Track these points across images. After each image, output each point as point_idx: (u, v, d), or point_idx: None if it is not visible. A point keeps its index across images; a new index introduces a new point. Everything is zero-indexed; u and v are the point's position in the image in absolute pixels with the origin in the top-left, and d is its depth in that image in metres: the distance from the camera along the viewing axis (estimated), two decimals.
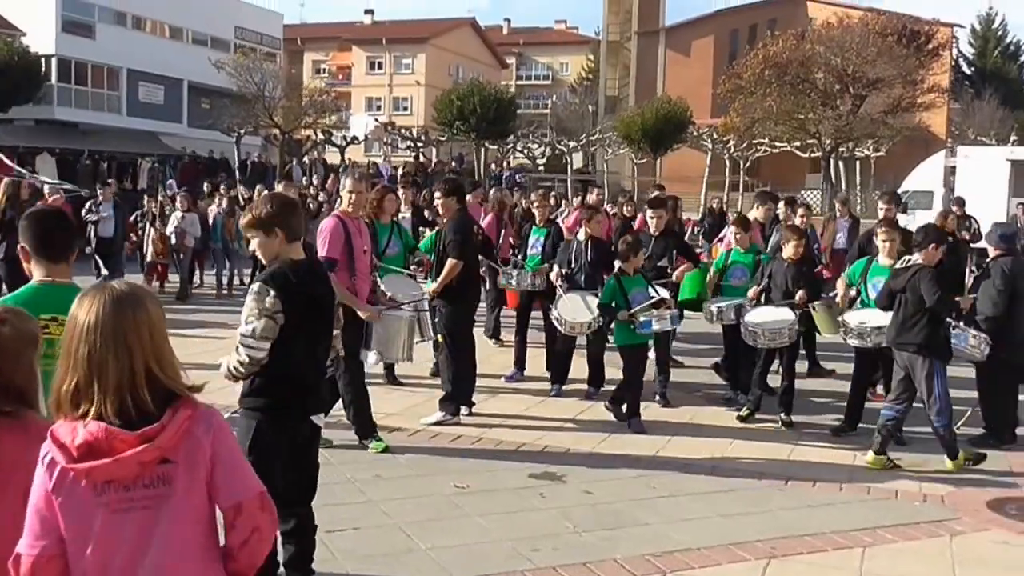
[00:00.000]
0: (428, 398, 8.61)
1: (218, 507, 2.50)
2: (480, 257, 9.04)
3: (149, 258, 16.20)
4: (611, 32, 63.25)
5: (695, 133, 40.65)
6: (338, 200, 8.27)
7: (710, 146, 41.01)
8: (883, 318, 7.79)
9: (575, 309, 8.82)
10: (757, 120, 36.23)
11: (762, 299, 8.74)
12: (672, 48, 58.60)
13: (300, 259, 4.26)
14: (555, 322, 8.91)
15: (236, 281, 16.93)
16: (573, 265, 9.41)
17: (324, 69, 71.00)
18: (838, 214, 14.42)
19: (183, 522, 2.43)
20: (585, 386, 9.26)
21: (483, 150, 40.58)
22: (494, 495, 6.34)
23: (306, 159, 37.85)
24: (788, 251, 8.62)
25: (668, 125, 37.77)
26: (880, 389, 8.65)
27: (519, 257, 10.28)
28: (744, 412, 8.60)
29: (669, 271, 9.53)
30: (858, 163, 43.31)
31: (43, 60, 36.02)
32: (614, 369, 8.94)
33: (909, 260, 7.26)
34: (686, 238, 12.55)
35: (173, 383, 2.46)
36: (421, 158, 40.31)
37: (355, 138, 41.66)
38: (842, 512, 6.26)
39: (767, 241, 10.87)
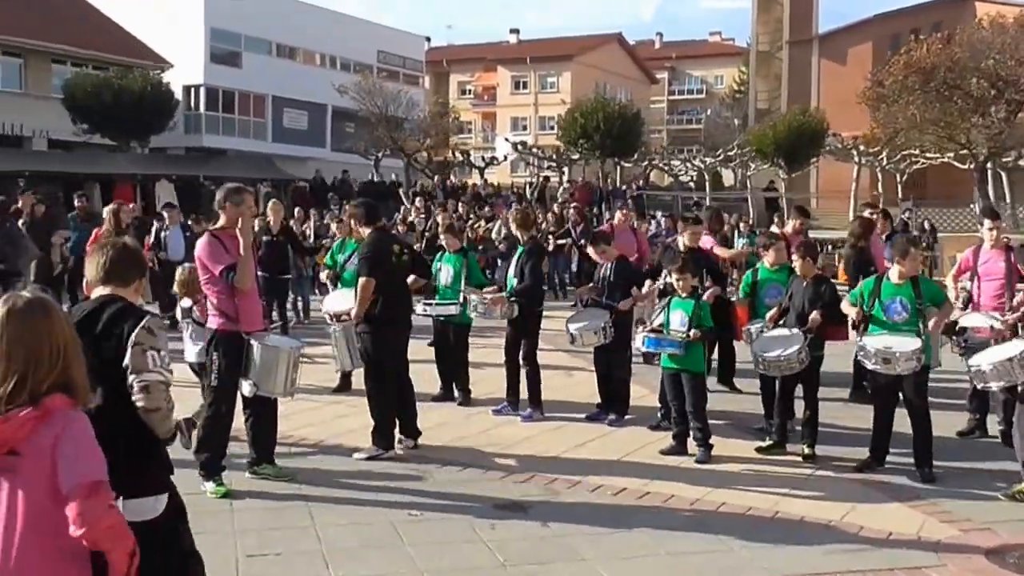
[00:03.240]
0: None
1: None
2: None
3: None
4: (761, 42, 61.75)
5: (839, 145, 38.95)
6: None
7: (857, 158, 39.27)
8: (909, 343, 7.18)
9: (582, 326, 8.84)
10: (900, 130, 34.26)
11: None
12: (826, 56, 56.42)
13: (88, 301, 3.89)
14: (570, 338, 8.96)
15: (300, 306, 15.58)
16: (599, 283, 9.30)
17: (470, 90, 72.05)
18: None
19: (27, 507, 2.71)
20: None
21: (618, 168, 40.17)
22: (443, 524, 6.15)
23: (443, 179, 38.34)
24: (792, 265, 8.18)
25: (802, 138, 36.24)
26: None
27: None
28: (765, 444, 8.08)
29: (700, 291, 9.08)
30: None
31: (192, 90, 38.06)
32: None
33: None
34: None
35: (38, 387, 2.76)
36: (562, 177, 40.05)
37: (494, 159, 42.15)
38: (809, 554, 5.74)
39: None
